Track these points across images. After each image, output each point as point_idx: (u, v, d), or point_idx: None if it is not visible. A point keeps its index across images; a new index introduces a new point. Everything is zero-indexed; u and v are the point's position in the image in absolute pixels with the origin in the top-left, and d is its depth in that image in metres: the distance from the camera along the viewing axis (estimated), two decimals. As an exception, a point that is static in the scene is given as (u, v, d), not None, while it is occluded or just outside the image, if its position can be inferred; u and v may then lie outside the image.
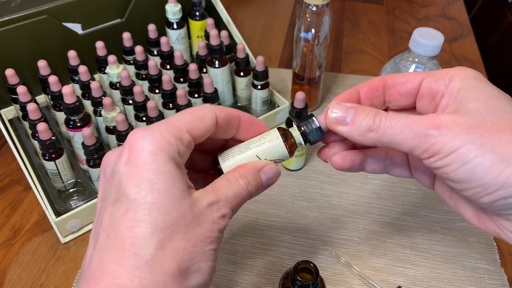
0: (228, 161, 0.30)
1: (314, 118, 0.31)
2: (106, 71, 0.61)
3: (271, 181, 0.30)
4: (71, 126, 0.54)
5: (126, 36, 0.64)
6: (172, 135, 0.25)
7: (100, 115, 0.58)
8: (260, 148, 0.30)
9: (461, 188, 0.27)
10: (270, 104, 0.67)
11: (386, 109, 0.34)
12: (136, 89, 0.54)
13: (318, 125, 0.30)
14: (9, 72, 0.56)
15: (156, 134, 0.25)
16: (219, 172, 0.30)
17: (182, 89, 0.55)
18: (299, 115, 0.55)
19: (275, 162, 0.30)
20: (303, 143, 0.31)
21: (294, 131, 0.31)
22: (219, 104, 0.60)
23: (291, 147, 0.30)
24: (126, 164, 0.25)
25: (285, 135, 0.30)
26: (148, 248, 0.23)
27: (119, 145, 0.54)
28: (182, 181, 0.25)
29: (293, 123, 0.31)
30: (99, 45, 0.62)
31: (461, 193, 0.28)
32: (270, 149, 0.30)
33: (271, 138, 0.30)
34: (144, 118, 0.57)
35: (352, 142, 0.34)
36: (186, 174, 0.26)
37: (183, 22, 0.69)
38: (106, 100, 0.53)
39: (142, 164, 0.24)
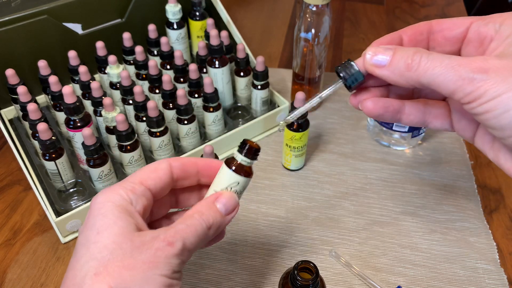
0: None
1: (351, 62, 0.30)
2: (106, 71, 0.61)
3: (229, 207, 0.31)
4: (71, 126, 0.54)
5: (126, 36, 0.64)
6: (122, 188, 0.29)
7: (100, 115, 0.58)
8: (214, 183, 0.32)
9: (503, 136, 0.26)
10: (270, 104, 0.67)
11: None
12: (136, 89, 0.54)
13: (356, 68, 0.30)
14: (9, 72, 0.56)
15: (107, 191, 0.29)
16: None
17: (182, 89, 0.55)
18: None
19: (234, 189, 0.31)
20: (246, 159, 0.31)
21: (235, 153, 0.32)
22: (219, 104, 0.60)
23: (238, 168, 0.31)
24: (84, 223, 0.29)
25: (229, 160, 0.32)
26: (84, 278, 0.26)
27: (119, 145, 0.54)
28: (126, 221, 0.28)
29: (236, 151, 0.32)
30: (99, 45, 0.62)
31: (502, 141, 0.27)
32: (220, 179, 0.31)
33: (220, 170, 0.32)
34: (144, 118, 0.57)
35: (388, 91, 0.33)
36: (138, 217, 0.29)
37: (183, 22, 0.69)
38: (106, 100, 0.53)
39: (92, 215, 0.28)
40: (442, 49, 0.31)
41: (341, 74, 0.31)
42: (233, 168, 0.31)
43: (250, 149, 0.31)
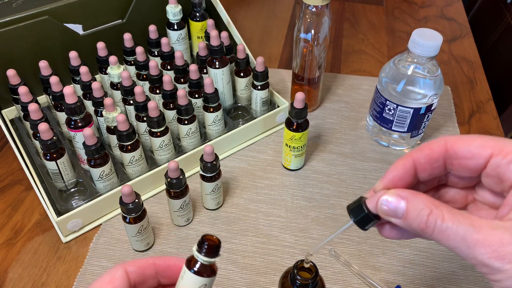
0: None
1: (364, 206, 0.29)
2: (107, 72, 0.61)
3: None
4: (72, 126, 0.54)
5: (127, 36, 0.64)
6: None
7: (101, 115, 0.58)
8: (178, 287, 0.29)
9: None
10: (270, 104, 0.67)
11: (447, 174, 0.31)
12: (137, 89, 0.55)
13: (371, 214, 0.29)
14: (11, 73, 0.56)
15: None
16: None
17: (182, 90, 0.55)
18: (298, 115, 0.55)
19: None
20: (207, 259, 0.28)
21: (195, 253, 0.28)
22: (219, 104, 0.60)
23: (202, 270, 0.28)
24: None
25: (190, 262, 0.29)
26: None
27: (120, 145, 0.54)
28: None
29: (194, 248, 0.28)
30: (100, 45, 0.62)
31: None
32: (185, 285, 0.29)
33: (182, 274, 0.29)
34: (145, 118, 0.57)
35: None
36: None
37: (183, 23, 0.69)
38: (107, 101, 0.53)
39: None
40: (460, 174, 0.30)
41: (355, 219, 0.30)
42: (197, 271, 0.28)
43: (211, 248, 0.28)
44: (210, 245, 0.28)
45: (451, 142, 0.28)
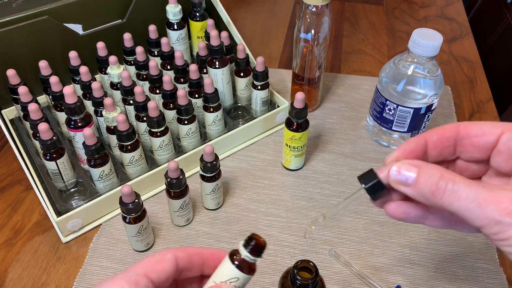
0: None
1: (375, 173, 0.29)
2: (107, 72, 0.61)
3: None
4: (72, 126, 0.54)
5: (127, 36, 0.64)
6: (126, 281, 0.27)
7: (101, 115, 0.58)
8: (215, 273, 0.30)
9: None
10: (270, 104, 0.67)
11: (455, 159, 0.32)
12: (136, 89, 0.55)
13: (382, 183, 0.29)
14: (10, 73, 0.56)
15: (110, 284, 0.27)
16: None
17: (182, 90, 0.55)
18: (298, 115, 0.55)
19: (233, 284, 0.29)
20: (250, 256, 0.29)
21: (240, 247, 0.29)
22: (219, 104, 0.60)
23: (241, 263, 0.29)
24: None
25: (233, 252, 0.29)
26: None
27: (120, 145, 0.54)
28: None
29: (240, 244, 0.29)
30: (100, 45, 0.62)
31: None
32: (221, 271, 0.29)
33: (223, 260, 0.30)
34: (144, 118, 0.57)
35: None
36: None
37: (183, 23, 0.69)
38: (107, 100, 0.53)
39: None
40: (470, 156, 0.30)
41: (365, 187, 0.30)
42: (236, 263, 0.29)
43: (256, 246, 0.29)
44: (256, 244, 0.29)
45: (463, 124, 0.30)
